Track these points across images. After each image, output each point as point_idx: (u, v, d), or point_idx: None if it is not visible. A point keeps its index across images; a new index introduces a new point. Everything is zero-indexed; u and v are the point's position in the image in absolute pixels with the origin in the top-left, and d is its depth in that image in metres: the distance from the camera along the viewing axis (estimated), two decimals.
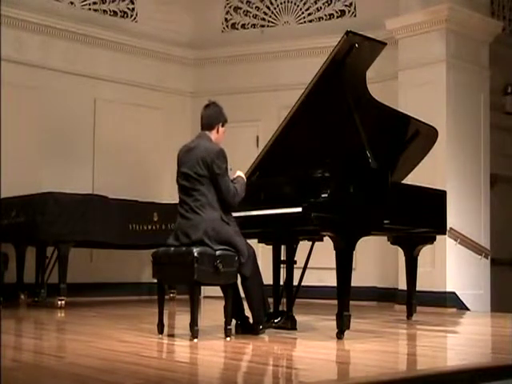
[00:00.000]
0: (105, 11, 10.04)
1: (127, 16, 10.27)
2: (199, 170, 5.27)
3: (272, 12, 10.57)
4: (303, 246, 5.94)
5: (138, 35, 10.11)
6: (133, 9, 10.30)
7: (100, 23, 9.83)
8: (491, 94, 9.25)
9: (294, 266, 5.80)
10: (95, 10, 9.95)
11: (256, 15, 10.65)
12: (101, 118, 9.74)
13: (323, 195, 5.08)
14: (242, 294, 5.48)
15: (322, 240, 5.78)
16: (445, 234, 6.91)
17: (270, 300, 5.83)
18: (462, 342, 5.96)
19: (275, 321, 5.70)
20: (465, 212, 8.63)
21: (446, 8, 8.55)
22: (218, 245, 5.17)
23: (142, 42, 10.13)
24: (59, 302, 7.68)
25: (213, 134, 5.47)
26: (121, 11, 10.21)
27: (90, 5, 9.89)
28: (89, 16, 9.81)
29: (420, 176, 6.88)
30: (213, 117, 5.49)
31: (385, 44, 6.03)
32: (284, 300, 5.78)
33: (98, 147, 9.68)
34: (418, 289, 7.01)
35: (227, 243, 5.21)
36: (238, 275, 5.30)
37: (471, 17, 8.83)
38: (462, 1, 8.73)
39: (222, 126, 5.51)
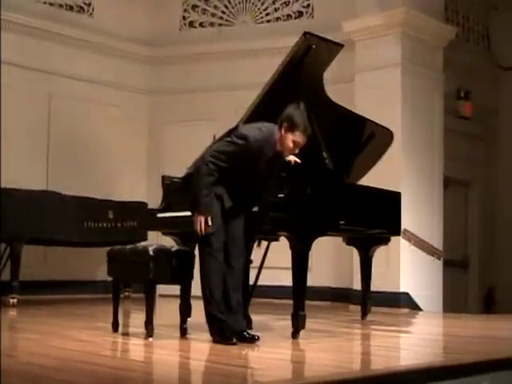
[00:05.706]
0: (61, 5, 9.89)
1: (83, 11, 10.14)
2: None
3: (230, 11, 10.56)
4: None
5: (94, 31, 9.95)
6: (89, 4, 10.17)
7: (55, 18, 9.67)
8: (445, 98, 9.39)
9: (250, 265, 5.80)
10: (51, 4, 9.78)
11: (214, 14, 10.62)
12: (56, 114, 9.59)
13: (279, 195, 5.11)
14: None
15: (277, 240, 5.81)
16: (399, 235, 6.98)
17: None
18: (415, 341, 6.04)
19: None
20: (419, 214, 8.73)
21: (402, 12, 8.65)
22: None
23: (98, 37, 9.95)
24: (11, 300, 7.56)
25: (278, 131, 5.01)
26: (77, 6, 10.08)
27: None
28: (44, 10, 9.66)
29: (375, 177, 6.94)
30: (283, 114, 5.01)
31: (342, 45, 6.09)
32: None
33: (52, 143, 9.54)
34: (372, 289, 7.07)
35: None
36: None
37: (426, 21, 8.95)
38: (417, 6, 8.84)
39: (285, 132, 4.91)
